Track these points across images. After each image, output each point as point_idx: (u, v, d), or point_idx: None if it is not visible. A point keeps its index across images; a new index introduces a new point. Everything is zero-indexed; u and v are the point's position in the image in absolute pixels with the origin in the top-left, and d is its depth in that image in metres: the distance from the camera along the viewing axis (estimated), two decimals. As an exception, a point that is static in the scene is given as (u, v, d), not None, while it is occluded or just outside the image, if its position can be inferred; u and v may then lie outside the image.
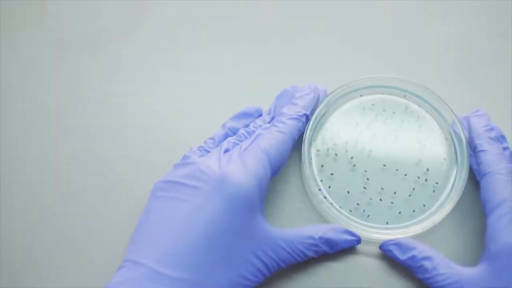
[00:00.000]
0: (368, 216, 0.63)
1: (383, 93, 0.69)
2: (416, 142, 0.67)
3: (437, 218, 0.62)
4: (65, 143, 0.69)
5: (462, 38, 0.75)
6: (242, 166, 0.58)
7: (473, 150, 0.64)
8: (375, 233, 0.62)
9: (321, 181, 0.65)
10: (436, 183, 0.65)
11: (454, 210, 0.62)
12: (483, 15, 0.77)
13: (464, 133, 0.65)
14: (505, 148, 0.64)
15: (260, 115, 0.67)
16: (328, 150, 0.66)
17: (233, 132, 0.65)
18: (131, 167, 0.67)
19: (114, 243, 0.63)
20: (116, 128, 0.69)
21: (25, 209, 0.65)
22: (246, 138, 0.63)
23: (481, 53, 0.75)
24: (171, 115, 0.70)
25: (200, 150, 0.63)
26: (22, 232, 0.65)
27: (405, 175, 0.65)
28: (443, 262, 0.58)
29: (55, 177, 0.67)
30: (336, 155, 0.66)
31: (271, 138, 0.61)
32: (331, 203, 0.63)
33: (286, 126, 0.62)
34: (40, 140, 0.69)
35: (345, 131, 0.67)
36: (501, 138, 0.65)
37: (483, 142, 0.63)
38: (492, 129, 0.64)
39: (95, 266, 0.63)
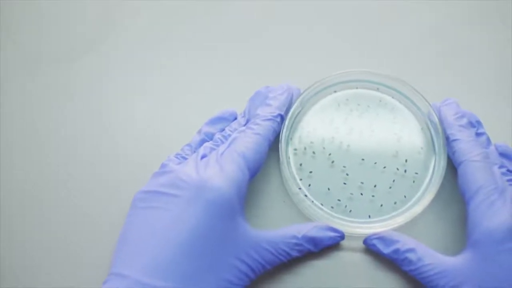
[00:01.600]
0: (350, 211, 0.63)
1: (357, 88, 0.69)
2: (393, 134, 0.67)
3: (419, 208, 0.62)
4: (45, 157, 0.68)
5: (434, 29, 0.76)
6: (220, 171, 0.58)
7: (447, 140, 0.64)
8: (358, 227, 0.62)
9: (301, 180, 0.65)
10: (416, 173, 0.65)
11: (435, 199, 0.63)
12: (455, 6, 0.77)
13: (440, 122, 0.65)
14: (480, 134, 0.65)
15: (235, 118, 0.66)
16: (305, 148, 0.66)
17: (209, 137, 0.65)
18: (111, 177, 0.67)
19: (97, 254, 0.63)
20: (94, 139, 0.69)
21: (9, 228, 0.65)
22: (222, 142, 0.63)
23: (454, 42, 0.75)
24: (149, 123, 0.70)
25: (177, 158, 0.63)
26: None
27: (384, 167, 0.65)
28: (427, 253, 0.58)
29: (33, 191, 0.66)
30: (314, 153, 0.66)
31: (247, 141, 0.61)
32: (312, 201, 0.63)
33: (261, 127, 0.62)
34: (22, 154, 0.68)
35: (321, 128, 0.67)
36: (476, 124, 0.65)
37: (454, 131, 0.63)
38: (462, 116, 0.64)
39: (82, 272, 0.63)
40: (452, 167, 0.64)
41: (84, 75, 0.73)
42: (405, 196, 0.64)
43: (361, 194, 0.64)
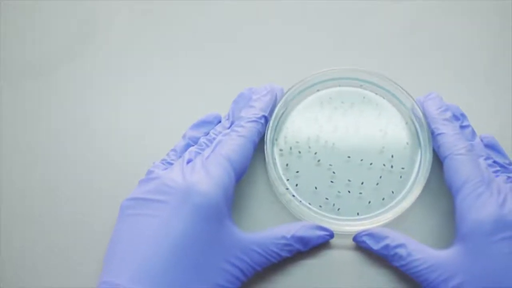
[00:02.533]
0: (338, 209, 0.63)
1: (339, 85, 0.69)
2: (378, 130, 0.67)
3: (407, 203, 0.62)
4: (30, 167, 0.68)
5: (414, 23, 0.76)
6: (206, 175, 0.58)
7: (432, 134, 0.64)
8: (347, 225, 0.62)
9: (288, 180, 0.64)
10: (402, 168, 0.65)
11: (423, 193, 0.63)
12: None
13: (424, 116, 0.65)
14: (464, 126, 0.65)
15: (220, 121, 0.66)
16: (291, 148, 0.66)
17: (194, 141, 0.65)
18: (98, 186, 0.67)
19: (87, 262, 0.63)
20: (79, 148, 0.68)
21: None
22: (207, 146, 0.63)
23: (434, 36, 0.75)
24: (132, 131, 0.69)
25: (163, 163, 0.63)
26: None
27: (371, 164, 0.65)
28: (417, 247, 0.58)
29: (18, 203, 0.66)
30: (299, 152, 0.66)
31: (231, 144, 0.60)
32: (300, 201, 0.63)
33: (245, 129, 0.62)
34: (7, 165, 0.68)
35: (306, 127, 0.67)
36: (460, 117, 0.65)
37: (439, 125, 0.63)
38: (446, 110, 0.64)
39: (71, 280, 0.62)
40: (439, 161, 0.64)
41: (66, 84, 0.72)
42: (392, 192, 0.64)
43: (349, 191, 0.64)
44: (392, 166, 0.65)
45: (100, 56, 0.74)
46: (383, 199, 0.64)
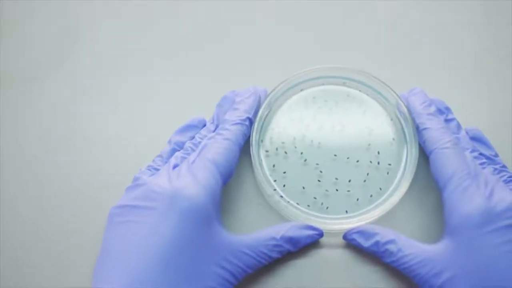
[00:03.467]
0: (327, 208, 0.63)
1: (323, 84, 0.69)
2: (363, 127, 0.67)
3: (395, 199, 0.62)
4: (17, 176, 0.67)
5: (395, 19, 0.76)
6: (192, 180, 0.57)
7: (417, 129, 0.64)
8: (336, 224, 0.62)
9: (275, 181, 0.64)
10: (389, 164, 0.65)
11: (410, 188, 0.63)
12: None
13: (408, 111, 0.65)
14: (449, 120, 0.65)
15: (205, 125, 0.66)
16: (277, 149, 0.66)
17: (180, 146, 0.64)
18: (85, 195, 0.66)
19: (76, 271, 0.63)
20: (64, 159, 0.68)
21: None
22: (193, 150, 0.63)
23: (416, 31, 0.75)
24: (118, 137, 0.69)
25: (149, 170, 0.62)
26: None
27: (357, 161, 0.65)
28: (407, 243, 0.58)
29: (6, 211, 0.65)
30: (286, 153, 0.65)
31: (217, 147, 0.60)
32: (288, 202, 0.63)
33: (230, 132, 0.62)
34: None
35: (292, 127, 0.67)
36: (445, 110, 0.65)
37: (423, 120, 0.63)
38: (430, 104, 0.65)
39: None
40: (425, 155, 0.64)
41: (51, 92, 0.72)
42: (380, 188, 0.64)
43: (337, 190, 0.64)
44: (378, 163, 0.65)
45: (86, 64, 0.74)
46: (371, 196, 0.64)
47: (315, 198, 0.64)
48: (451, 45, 0.74)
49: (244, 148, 0.64)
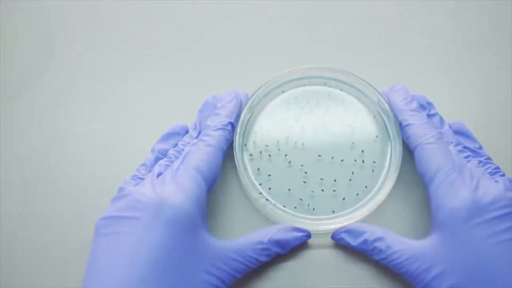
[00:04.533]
0: (313, 209, 0.63)
1: (304, 85, 0.69)
2: (346, 126, 0.67)
3: (381, 196, 0.62)
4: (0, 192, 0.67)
5: (373, 16, 0.76)
6: (176, 187, 0.57)
7: (400, 125, 0.64)
8: (323, 224, 0.62)
9: (260, 184, 0.64)
10: (374, 162, 0.65)
11: (396, 185, 0.63)
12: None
13: (390, 108, 0.65)
14: (432, 114, 0.65)
15: (187, 132, 0.66)
16: (261, 152, 0.66)
17: (163, 154, 0.64)
18: (70, 207, 0.66)
19: (62, 286, 0.62)
20: (48, 173, 0.68)
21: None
22: (176, 158, 0.62)
23: (394, 27, 0.75)
24: (100, 149, 0.69)
25: (134, 179, 0.62)
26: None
27: (342, 160, 0.65)
28: (395, 239, 0.58)
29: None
30: (270, 155, 0.65)
31: (200, 154, 0.60)
32: (275, 204, 0.63)
33: (212, 138, 0.61)
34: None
35: (274, 130, 0.67)
36: (427, 105, 0.66)
37: (406, 117, 0.63)
38: (412, 100, 0.65)
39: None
40: (410, 152, 0.64)
41: (30, 108, 0.72)
42: (366, 186, 0.64)
43: (322, 190, 0.64)
44: (363, 161, 0.65)
45: (62, 75, 0.73)
46: (357, 194, 0.64)
47: (301, 199, 0.63)
48: (430, 40, 0.74)
49: (228, 153, 0.64)
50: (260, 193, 0.64)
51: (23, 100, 0.72)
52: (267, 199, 0.63)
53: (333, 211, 0.63)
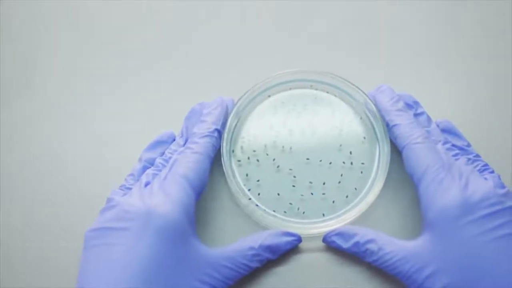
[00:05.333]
0: (303, 212, 0.63)
1: (290, 89, 0.69)
2: (334, 128, 0.67)
3: (371, 198, 0.62)
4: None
5: (357, 15, 0.76)
6: (164, 197, 0.57)
7: (387, 126, 0.64)
8: (314, 228, 0.62)
9: (249, 190, 0.64)
10: (362, 163, 0.65)
11: (386, 186, 0.63)
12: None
13: (377, 109, 0.65)
14: (419, 114, 0.65)
15: (174, 140, 0.65)
16: (249, 158, 0.65)
17: (151, 163, 0.64)
18: (59, 220, 0.65)
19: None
20: (35, 184, 0.67)
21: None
22: (164, 166, 0.62)
23: (378, 26, 0.76)
24: (88, 160, 0.68)
25: (122, 189, 0.62)
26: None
27: (330, 163, 0.65)
28: (387, 240, 0.58)
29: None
30: (258, 161, 0.65)
31: (187, 161, 0.60)
32: (264, 210, 0.63)
33: (199, 145, 0.61)
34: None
35: (262, 135, 0.67)
36: (414, 104, 0.66)
37: (393, 117, 0.63)
38: (398, 100, 0.65)
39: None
40: (398, 152, 0.64)
41: (16, 119, 0.71)
42: (355, 188, 0.64)
43: (312, 193, 0.63)
44: (352, 163, 0.65)
45: (48, 86, 0.73)
46: (347, 196, 0.63)
47: (291, 203, 0.63)
48: (415, 39, 0.74)
49: (216, 159, 0.64)
50: (250, 199, 0.63)
51: (8, 111, 0.72)
52: (257, 205, 0.63)
53: (323, 214, 0.63)
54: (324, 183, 0.64)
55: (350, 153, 0.65)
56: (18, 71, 0.74)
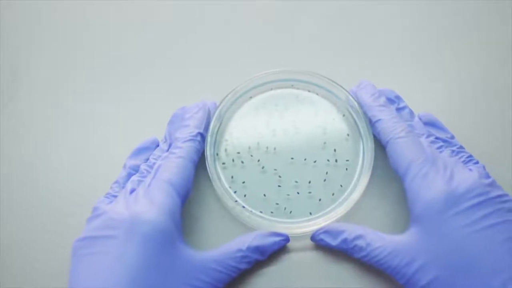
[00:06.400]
0: (290, 212, 0.63)
1: (271, 89, 0.69)
2: (317, 127, 0.67)
3: (357, 194, 0.62)
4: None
5: (337, 13, 0.76)
6: (150, 203, 0.57)
7: (370, 122, 0.64)
8: (302, 227, 0.62)
9: (235, 192, 0.64)
10: (347, 160, 0.65)
11: (371, 181, 0.63)
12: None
13: (359, 106, 0.65)
14: (401, 108, 0.65)
15: (158, 145, 0.65)
16: (233, 160, 0.65)
17: (135, 169, 0.64)
18: (47, 231, 0.65)
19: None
20: (20, 195, 0.67)
21: None
22: (148, 172, 0.62)
23: (358, 24, 0.76)
24: (72, 170, 0.68)
25: (107, 198, 0.62)
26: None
27: (315, 161, 0.65)
28: (375, 236, 0.59)
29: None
30: (242, 162, 0.65)
31: (171, 167, 0.60)
32: (251, 211, 0.63)
33: (182, 150, 0.61)
34: None
35: (245, 136, 0.67)
36: (395, 99, 0.66)
37: (375, 112, 0.63)
38: (380, 96, 0.65)
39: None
40: (383, 147, 0.64)
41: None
42: (341, 185, 0.64)
43: (298, 193, 0.64)
44: (336, 160, 0.65)
45: (28, 99, 0.73)
46: (333, 194, 0.64)
47: (277, 204, 0.63)
48: (395, 34, 0.75)
49: (201, 163, 0.63)
50: (236, 201, 0.63)
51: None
52: (244, 207, 0.63)
53: (310, 213, 0.63)
54: (309, 182, 0.64)
55: (334, 150, 0.65)
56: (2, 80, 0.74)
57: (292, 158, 0.65)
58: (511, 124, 0.69)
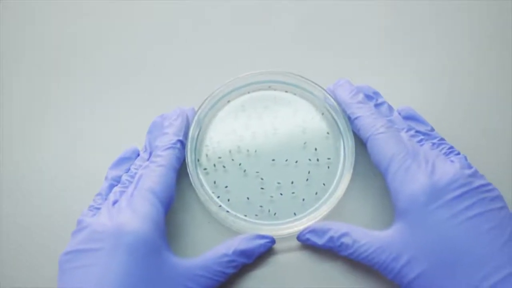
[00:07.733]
0: (275, 214, 0.63)
1: (249, 92, 0.69)
2: (296, 127, 0.67)
3: (340, 192, 0.63)
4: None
5: (311, 11, 0.76)
6: (133, 213, 0.57)
7: (349, 119, 0.64)
8: (287, 228, 0.62)
9: (219, 197, 0.64)
10: (328, 158, 0.65)
11: (354, 178, 0.63)
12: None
13: (338, 104, 0.65)
14: (380, 104, 0.65)
15: (138, 155, 0.65)
16: (215, 165, 0.65)
17: (117, 180, 0.64)
18: (33, 244, 0.65)
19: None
20: (5, 209, 0.67)
21: None
22: (130, 182, 0.62)
23: (331, 21, 0.76)
24: (55, 182, 0.68)
25: (91, 210, 0.61)
26: None
27: (296, 162, 0.65)
28: (361, 233, 0.59)
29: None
30: (224, 167, 0.65)
31: (152, 175, 0.60)
32: (236, 215, 0.63)
33: (163, 158, 0.61)
34: None
35: (225, 140, 0.66)
36: (373, 95, 0.66)
37: (353, 110, 0.64)
38: (357, 93, 0.65)
39: None
40: (363, 144, 0.64)
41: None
42: (324, 184, 0.64)
43: (281, 194, 0.64)
44: (318, 159, 0.65)
45: (7, 108, 0.72)
46: (316, 193, 0.64)
47: (261, 206, 0.63)
48: (372, 29, 0.75)
49: (183, 170, 0.63)
50: (220, 206, 0.63)
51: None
52: (228, 211, 0.63)
53: (295, 213, 0.63)
54: (292, 182, 0.64)
55: (315, 149, 0.65)
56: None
57: (273, 160, 0.65)
58: (495, 115, 0.69)
